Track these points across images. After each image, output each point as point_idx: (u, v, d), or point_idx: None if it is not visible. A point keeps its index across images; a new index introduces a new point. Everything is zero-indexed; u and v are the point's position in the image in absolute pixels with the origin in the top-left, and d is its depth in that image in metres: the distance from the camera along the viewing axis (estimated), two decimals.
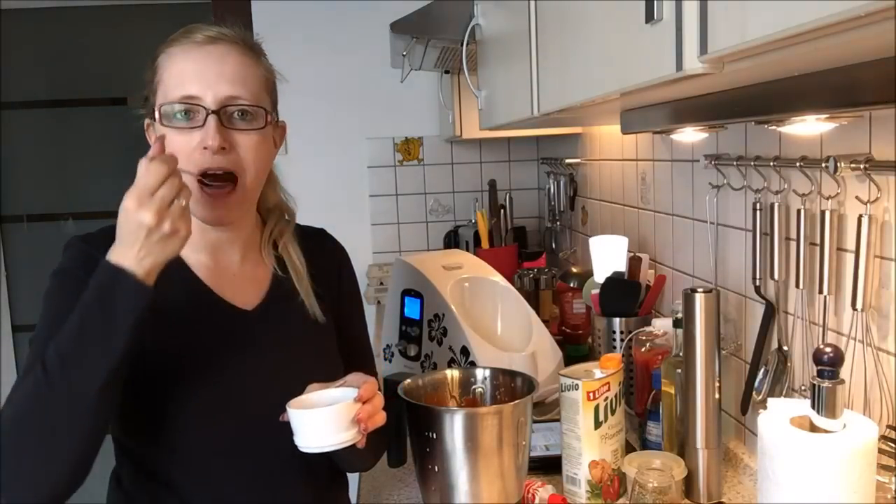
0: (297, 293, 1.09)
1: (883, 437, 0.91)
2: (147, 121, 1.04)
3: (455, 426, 1.08)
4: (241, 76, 0.99)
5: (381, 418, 0.96)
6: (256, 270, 1.09)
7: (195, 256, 1.05)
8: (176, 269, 1.01)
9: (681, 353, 1.22)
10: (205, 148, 0.95)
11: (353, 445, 1.01)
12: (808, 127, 0.99)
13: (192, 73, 0.97)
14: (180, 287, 1.01)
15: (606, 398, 1.17)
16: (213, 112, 0.96)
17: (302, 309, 1.09)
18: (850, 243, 0.98)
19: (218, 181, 0.97)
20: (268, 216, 1.13)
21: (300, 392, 1.01)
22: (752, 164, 1.19)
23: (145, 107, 1.03)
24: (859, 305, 0.96)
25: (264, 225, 1.12)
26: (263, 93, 1.03)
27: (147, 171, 0.84)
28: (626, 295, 1.65)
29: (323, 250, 1.18)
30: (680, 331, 1.23)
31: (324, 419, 0.93)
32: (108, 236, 0.99)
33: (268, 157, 1.05)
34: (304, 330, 1.09)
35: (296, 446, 0.95)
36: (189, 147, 0.96)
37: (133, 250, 0.84)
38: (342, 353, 1.14)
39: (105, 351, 0.84)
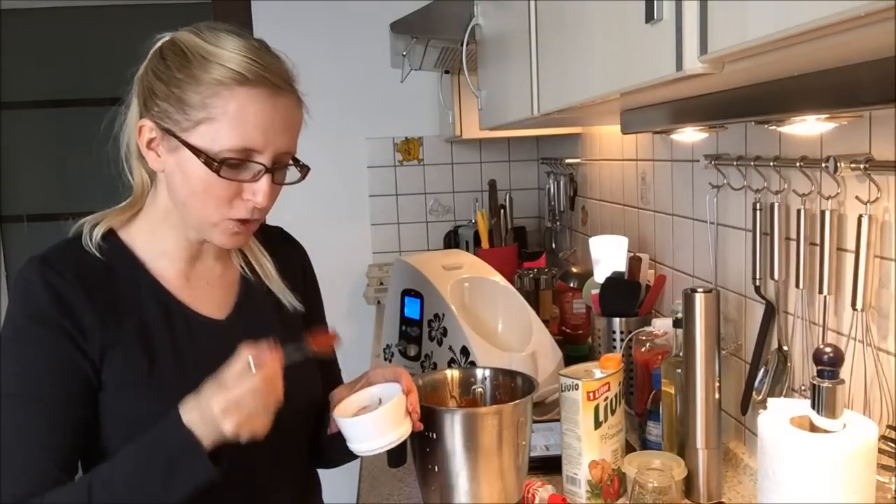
0: (265, 295, 1.09)
1: (883, 437, 0.91)
2: (146, 123, 0.94)
3: (455, 426, 1.08)
4: (295, 130, 0.97)
5: (417, 414, 1.02)
6: (227, 274, 1.08)
7: (174, 267, 1.02)
8: (149, 289, 0.99)
9: (681, 353, 1.22)
10: (246, 199, 0.94)
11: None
12: (808, 127, 0.99)
13: (258, 124, 0.91)
14: (155, 307, 0.99)
15: (606, 398, 1.17)
16: (269, 170, 0.93)
17: (275, 309, 1.09)
18: (850, 243, 0.98)
19: (244, 227, 0.98)
20: None
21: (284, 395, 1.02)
22: (752, 164, 1.19)
23: (155, 113, 0.93)
24: (859, 305, 0.96)
25: None
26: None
27: (244, 382, 0.85)
28: (626, 295, 1.65)
29: (285, 249, 1.17)
30: (680, 331, 1.23)
31: (383, 420, 0.97)
32: (73, 257, 0.97)
33: None
34: (278, 330, 1.08)
35: (274, 451, 0.98)
36: (230, 194, 0.93)
37: (204, 429, 0.85)
38: None
39: None
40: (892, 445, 0.91)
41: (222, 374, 0.87)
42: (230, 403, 0.84)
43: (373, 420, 0.97)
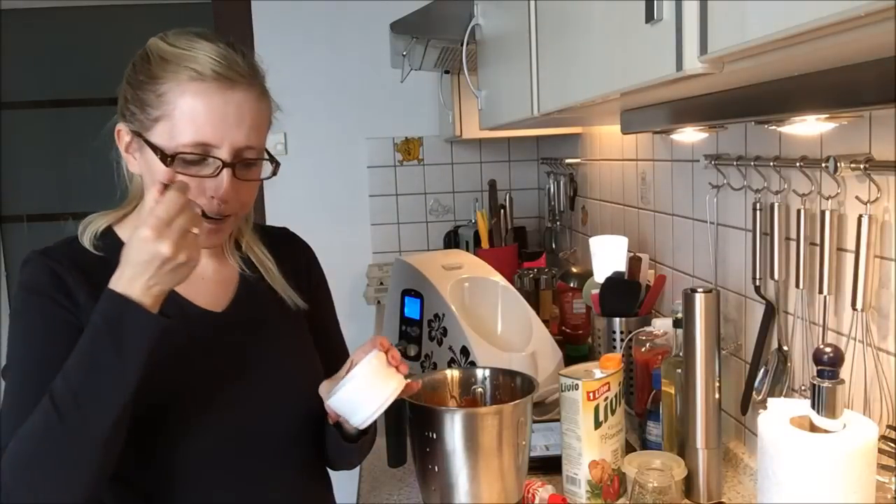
0: (266, 291, 1.09)
1: (883, 437, 0.91)
2: (121, 128, 0.98)
3: (455, 426, 1.08)
4: (257, 124, 0.96)
5: (405, 366, 1.01)
6: (223, 272, 1.08)
7: None
8: None
9: (681, 353, 1.22)
10: (211, 197, 0.93)
11: (343, 442, 1.03)
12: (808, 127, 0.99)
13: (209, 119, 0.92)
14: None
15: (606, 398, 1.17)
16: (228, 165, 0.92)
17: (274, 306, 1.09)
18: (850, 243, 0.98)
19: (214, 221, 0.96)
20: None
21: (280, 389, 1.01)
22: (752, 164, 1.19)
23: (127, 116, 0.97)
24: (859, 305, 0.96)
25: None
26: (266, 133, 1.00)
27: (165, 201, 0.83)
28: (626, 295, 1.65)
29: (290, 249, 1.17)
30: (680, 331, 1.23)
31: (368, 379, 0.95)
32: (72, 250, 0.99)
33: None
34: (278, 327, 1.09)
35: (277, 445, 0.98)
36: (194, 190, 0.92)
37: (142, 279, 0.83)
38: (318, 352, 1.14)
39: (118, 385, 0.84)
40: (892, 445, 0.91)
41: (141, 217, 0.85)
42: (159, 221, 0.82)
43: (357, 384, 0.95)
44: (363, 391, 0.96)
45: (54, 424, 0.83)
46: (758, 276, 1.20)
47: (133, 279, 0.83)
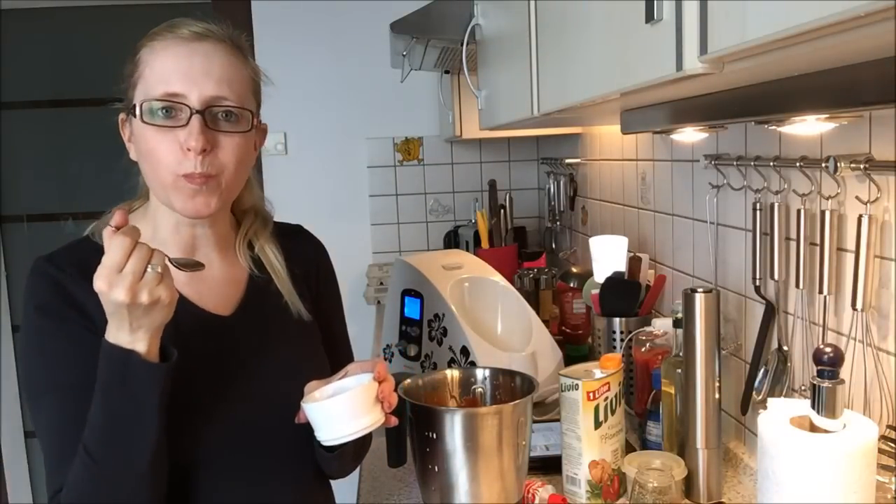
0: (275, 294, 1.08)
1: (883, 437, 0.91)
2: (122, 116, 1.00)
3: (455, 426, 1.09)
4: (228, 76, 0.96)
5: (395, 398, 0.98)
6: (233, 272, 1.07)
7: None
8: None
9: (681, 353, 1.22)
10: (188, 149, 0.92)
11: (319, 448, 1.01)
12: (808, 127, 0.99)
13: (176, 69, 0.93)
14: None
15: (606, 398, 1.17)
16: (198, 112, 0.92)
17: (282, 310, 1.08)
18: (850, 243, 0.98)
19: (195, 182, 0.95)
20: (243, 218, 1.11)
21: (286, 394, 1.01)
22: (752, 164, 1.19)
23: (123, 102, 0.99)
24: (859, 305, 0.96)
25: (239, 226, 1.11)
26: (249, 94, 1.00)
27: (112, 249, 0.81)
28: (626, 295, 1.65)
29: (301, 248, 1.16)
30: (680, 331, 1.23)
31: (349, 404, 0.92)
32: (75, 256, 0.98)
33: (248, 160, 1.01)
34: (285, 331, 1.08)
35: (283, 449, 0.97)
36: (170, 147, 0.93)
37: (124, 329, 0.83)
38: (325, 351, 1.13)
39: (142, 430, 0.86)
40: (892, 445, 0.91)
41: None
42: (108, 271, 0.81)
43: (339, 404, 0.92)
44: (338, 415, 0.93)
45: (97, 472, 0.86)
46: (758, 276, 1.20)
47: (117, 330, 0.84)
